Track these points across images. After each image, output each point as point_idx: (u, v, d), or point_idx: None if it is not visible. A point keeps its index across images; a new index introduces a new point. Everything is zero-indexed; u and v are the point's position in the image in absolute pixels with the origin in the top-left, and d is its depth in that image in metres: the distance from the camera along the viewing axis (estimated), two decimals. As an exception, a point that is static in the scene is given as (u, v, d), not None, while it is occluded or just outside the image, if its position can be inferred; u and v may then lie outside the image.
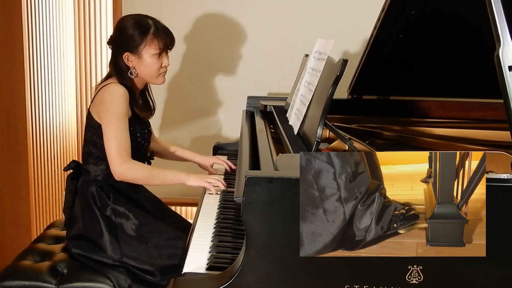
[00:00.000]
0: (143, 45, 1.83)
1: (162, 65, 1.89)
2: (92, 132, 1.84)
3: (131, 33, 1.83)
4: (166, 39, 1.86)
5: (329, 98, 1.48)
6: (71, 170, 1.93)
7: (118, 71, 1.87)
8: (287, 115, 2.03)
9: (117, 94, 1.78)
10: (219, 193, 1.84)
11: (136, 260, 1.75)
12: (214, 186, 1.81)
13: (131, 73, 1.87)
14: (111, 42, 1.90)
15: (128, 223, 1.80)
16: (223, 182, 1.84)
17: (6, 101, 2.48)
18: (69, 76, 2.90)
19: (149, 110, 2.01)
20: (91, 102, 1.89)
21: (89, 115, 1.87)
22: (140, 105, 1.91)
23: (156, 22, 1.88)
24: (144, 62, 1.85)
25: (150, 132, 1.99)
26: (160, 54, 1.86)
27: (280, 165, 1.27)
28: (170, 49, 1.92)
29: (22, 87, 2.46)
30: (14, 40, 2.43)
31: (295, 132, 1.73)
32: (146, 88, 2.01)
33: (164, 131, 3.04)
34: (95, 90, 1.90)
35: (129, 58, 1.85)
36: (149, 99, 2.04)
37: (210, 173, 2.15)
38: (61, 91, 2.81)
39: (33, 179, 2.57)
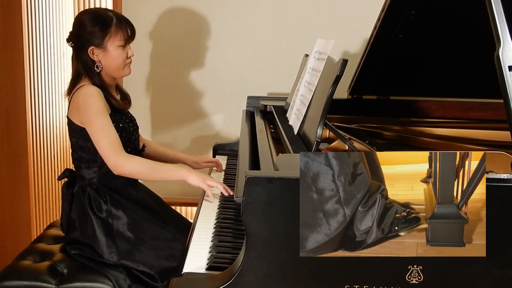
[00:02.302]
0: (107, 38, 1.80)
1: (128, 56, 1.86)
2: (76, 137, 1.82)
3: (93, 26, 1.79)
4: (128, 30, 1.84)
5: (329, 98, 1.48)
6: (66, 179, 1.92)
7: (86, 67, 1.83)
8: (287, 115, 2.03)
9: (90, 94, 1.75)
10: (219, 197, 1.83)
11: (134, 262, 1.75)
12: (212, 189, 1.76)
13: (97, 67, 1.82)
14: (72, 38, 1.84)
15: (125, 225, 1.79)
16: (225, 187, 1.74)
17: (6, 101, 2.48)
18: (69, 76, 2.90)
19: (126, 99, 1.97)
20: (68, 109, 1.86)
21: (69, 122, 1.84)
22: (116, 98, 1.88)
23: (117, 14, 1.85)
24: (110, 54, 1.82)
25: (136, 126, 1.96)
26: (125, 45, 1.84)
27: (280, 165, 1.27)
28: (133, 39, 1.89)
29: (22, 87, 2.46)
30: (14, 40, 2.43)
31: (295, 132, 1.73)
32: (117, 83, 1.99)
33: (164, 131, 3.04)
34: (68, 95, 1.87)
35: (94, 52, 1.81)
36: (124, 92, 2.01)
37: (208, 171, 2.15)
38: (61, 91, 2.81)
39: (33, 179, 2.57)
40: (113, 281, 1.70)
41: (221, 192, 1.81)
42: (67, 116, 1.86)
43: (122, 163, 1.72)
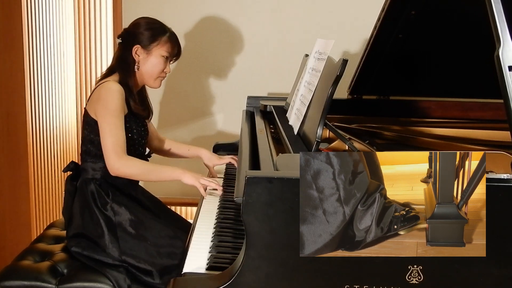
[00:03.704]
0: (155, 43, 1.89)
1: (164, 70, 1.94)
2: (89, 130, 1.85)
3: (147, 29, 1.89)
4: (176, 48, 1.94)
5: (329, 98, 1.48)
6: (70, 172, 1.93)
7: (122, 63, 1.89)
8: (287, 115, 2.03)
9: (112, 90, 1.80)
10: (217, 195, 1.84)
11: (135, 258, 1.76)
12: (205, 188, 1.80)
13: (137, 68, 1.90)
14: (124, 34, 1.93)
15: (127, 221, 1.81)
16: (218, 184, 1.83)
17: (6, 101, 2.48)
18: (69, 76, 2.90)
19: (145, 107, 2.01)
20: (88, 100, 1.90)
21: (85, 113, 1.88)
22: (136, 99, 1.92)
23: (172, 31, 1.95)
24: (151, 59, 1.90)
25: (146, 131, 2.00)
26: (167, 58, 1.92)
27: (280, 165, 1.27)
28: (175, 59, 1.98)
29: (22, 87, 2.46)
30: (14, 40, 2.43)
31: (295, 132, 1.73)
32: (144, 90, 2.04)
33: (164, 131, 3.04)
34: (96, 84, 1.92)
35: (137, 52, 1.89)
36: (147, 101, 2.06)
37: (210, 173, 2.16)
38: (61, 91, 2.81)
39: (33, 179, 2.57)
40: (113, 281, 1.70)
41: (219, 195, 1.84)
42: (85, 108, 1.90)
43: (119, 166, 1.76)
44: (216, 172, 2.18)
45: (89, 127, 1.85)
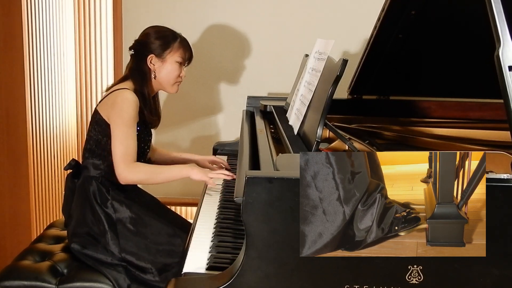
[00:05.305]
0: (169, 51, 1.92)
1: (180, 75, 1.97)
2: (98, 130, 1.86)
3: (158, 38, 1.91)
4: (188, 52, 1.97)
5: (329, 98, 1.48)
6: (71, 170, 1.94)
7: (138, 72, 1.91)
8: (287, 115, 2.03)
9: (129, 100, 1.82)
10: (217, 195, 1.85)
11: (134, 255, 1.77)
12: (215, 179, 1.83)
13: (154, 77, 1.93)
14: (136, 45, 1.95)
15: (127, 219, 1.82)
16: (227, 173, 1.85)
17: (6, 101, 2.48)
18: (69, 76, 2.90)
19: (157, 116, 2.03)
20: (100, 102, 1.92)
21: (96, 113, 1.88)
22: (151, 108, 1.94)
23: (182, 36, 1.98)
24: (166, 66, 1.92)
25: (150, 141, 2.03)
26: (181, 64, 1.95)
27: (280, 165, 1.27)
28: (188, 63, 2.01)
29: (22, 87, 2.46)
30: (14, 40, 2.43)
31: (295, 132, 1.73)
32: (157, 99, 2.06)
33: (164, 131, 3.04)
34: (107, 91, 1.93)
35: (152, 61, 1.91)
36: (159, 110, 2.07)
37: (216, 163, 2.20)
38: (61, 91, 2.81)
39: (33, 179, 2.57)
40: (112, 281, 1.71)
41: (221, 192, 1.84)
42: (96, 108, 1.91)
43: (128, 173, 1.79)
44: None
45: (98, 127, 1.86)
